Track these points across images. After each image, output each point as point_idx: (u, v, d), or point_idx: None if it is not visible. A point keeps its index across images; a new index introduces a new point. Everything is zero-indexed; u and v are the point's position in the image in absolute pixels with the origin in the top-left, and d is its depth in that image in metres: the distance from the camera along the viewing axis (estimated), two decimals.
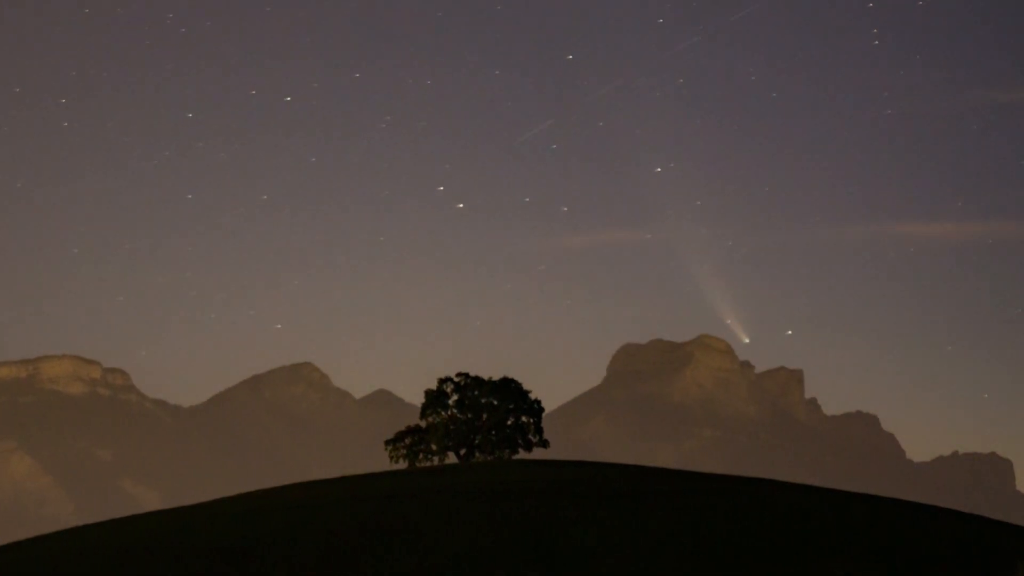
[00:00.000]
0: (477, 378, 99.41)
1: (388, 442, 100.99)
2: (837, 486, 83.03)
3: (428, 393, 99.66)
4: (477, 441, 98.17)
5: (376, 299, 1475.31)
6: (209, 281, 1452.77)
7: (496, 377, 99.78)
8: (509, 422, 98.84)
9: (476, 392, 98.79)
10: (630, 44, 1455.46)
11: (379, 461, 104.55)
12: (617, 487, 63.27)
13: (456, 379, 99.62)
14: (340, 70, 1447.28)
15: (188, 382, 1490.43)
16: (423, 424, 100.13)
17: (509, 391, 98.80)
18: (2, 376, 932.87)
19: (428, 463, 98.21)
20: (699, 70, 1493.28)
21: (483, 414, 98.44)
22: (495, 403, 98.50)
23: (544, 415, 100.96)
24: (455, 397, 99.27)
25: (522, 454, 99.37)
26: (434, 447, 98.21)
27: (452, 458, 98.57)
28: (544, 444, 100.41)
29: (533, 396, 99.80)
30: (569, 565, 44.80)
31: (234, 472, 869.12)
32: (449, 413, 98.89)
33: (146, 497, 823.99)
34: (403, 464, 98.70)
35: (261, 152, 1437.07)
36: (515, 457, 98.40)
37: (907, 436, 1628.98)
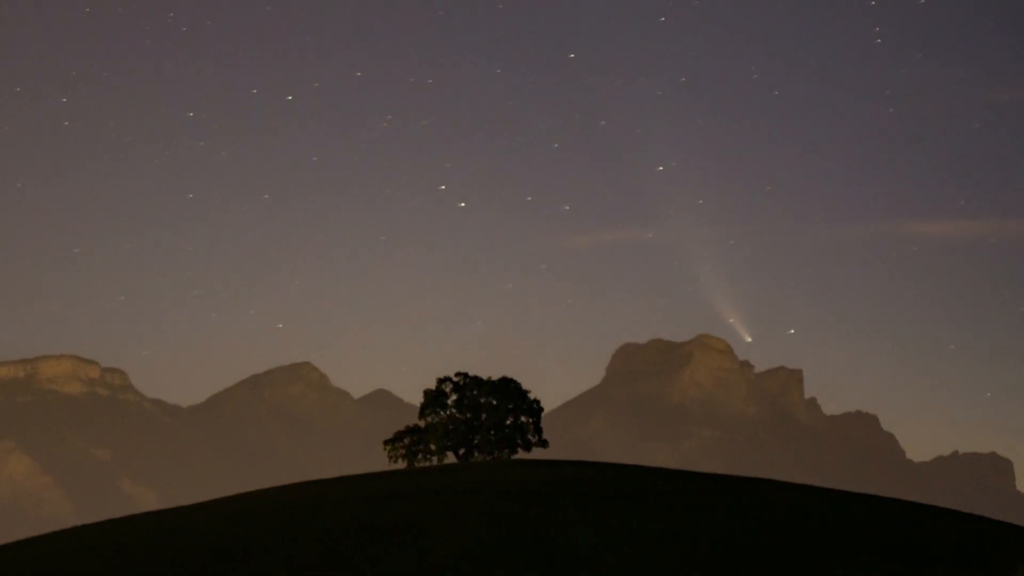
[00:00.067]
0: (476, 378, 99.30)
1: (387, 442, 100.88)
2: (837, 486, 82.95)
3: (427, 393, 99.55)
4: (476, 441, 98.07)
5: (375, 299, 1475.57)
6: (210, 281, 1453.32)
7: (495, 377, 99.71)
8: (508, 422, 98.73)
9: (475, 392, 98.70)
10: (632, 43, 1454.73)
11: (378, 461, 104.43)
12: (616, 487, 63.20)
13: (455, 379, 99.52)
14: (341, 69, 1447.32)
15: (187, 382, 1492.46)
16: (422, 424, 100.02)
17: (508, 391, 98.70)
18: (0, 376, 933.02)
19: (427, 463, 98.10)
20: (701, 68, 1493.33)
21: (482, 414, 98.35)
22: (494, 403, 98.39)
23: (543, 415, 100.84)
24: (454, 397, 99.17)
25: (521, 454, 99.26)
26: (433, 447, 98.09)
27: (451, 458, 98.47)
28: (543, 444, 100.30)
29: (532, 396, 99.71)
30: (569, 565, 44.71)
31: (232, 472, 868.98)
32: (448, 413, 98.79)
33: (144, 497, 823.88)
34: (402, 464, 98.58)
35: (262, 151, 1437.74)
36: (514, 457, 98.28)
37: (907, 436, 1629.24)
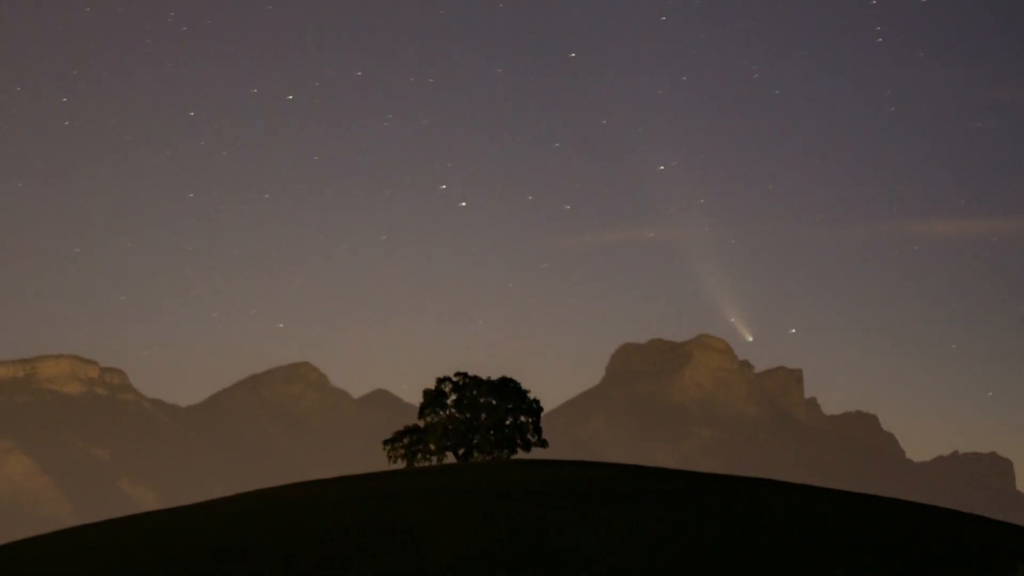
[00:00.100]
0: (476, 378, 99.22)
1: (386, 442, 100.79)
2: (837, 486, 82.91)
3: (426, 393, 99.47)
4: (476, 441, 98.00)
5: (375, 298, 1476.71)
6: (210, 280, 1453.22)
7: (495, 377, 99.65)
8: (508, 422, 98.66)
9: (475, 392, 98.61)
10: (633, 42, 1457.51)
11: (377, 461, 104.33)
12: (616, 487, 63.14)
13: (455, 379, 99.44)
14: (342, 68, 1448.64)
15: (186, 382, 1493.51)
16: (421, 424, 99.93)
17: (508, 391, 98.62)
18: None
19: (426, 463, 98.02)
20: (702, 68, 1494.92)
21: (482, 414, 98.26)
22: (494, 403, 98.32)
23: (543, 415, 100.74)
24: (453, 397, 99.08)
25: (521, 454, 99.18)
26: (432, 447, 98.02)
27: (451, 458, 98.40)
28: (543, 444, 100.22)
29: (532, 396, 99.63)
30: (568, 565, 44.66)
31: (232, 472, 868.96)
32: (447, 413, 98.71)
33: (144, 497, 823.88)
34: (401, 464, 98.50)
35: (263, 151, 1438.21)
36: (514, 457, 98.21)
37: (907, 436, 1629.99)
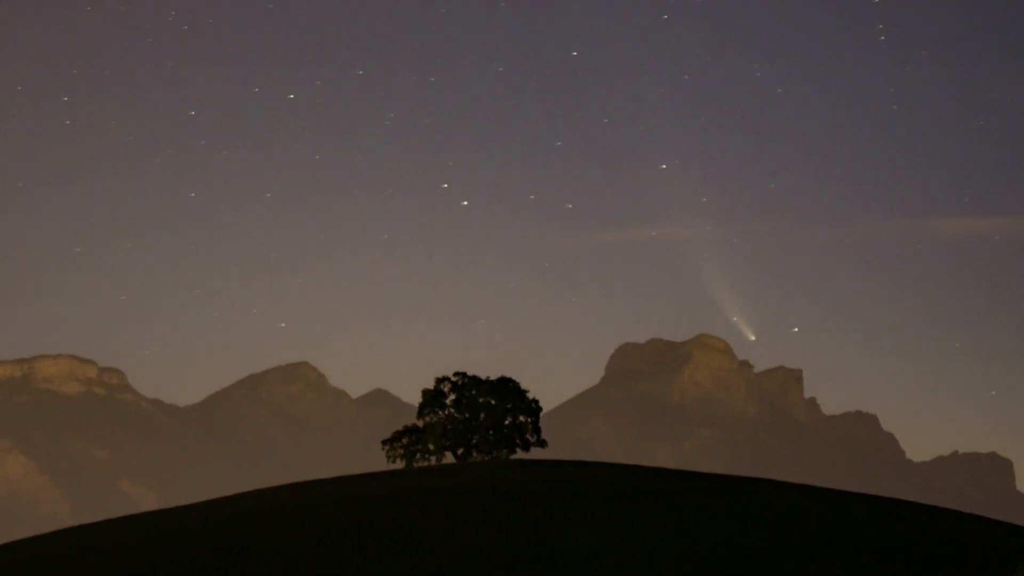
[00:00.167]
0: (475, 377, 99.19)
1: (385, 442, 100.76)
2: (836, 486, 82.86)
3: (425, 392, 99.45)
4: (475, 441, 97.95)
5: (375, 298, 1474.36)
6: (210, 280, 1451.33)
7: (494, 376, 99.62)
8: (507, 422, 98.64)
9: (474, 392, 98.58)
10: (634, 41, 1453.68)
11: (376, 461, 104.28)
12: (616, 487, 63.07)
13: (454, 378, 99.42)
14: (343, 67, 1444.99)
15: (184, 381, 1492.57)
16: (420, 424, 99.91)
17: (507, 391, 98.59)
18: None
19: (425, 463, 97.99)
20: (704, 66, 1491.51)
21: (481, 414, 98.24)
22: (493, 403, 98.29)
23: (542, 415, 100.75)
24: (453, 397, 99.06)
25: (520, 454, 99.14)
26: (431, 447, 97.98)
27: (450, 458, 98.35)
28: (542, 444, 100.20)
29: (531, 395, 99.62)
30: (568, 565, 44.58)
31: (231, 472, 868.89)
32: (446, 413, 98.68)
33: (142, 497, 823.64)
34: (400, 464, 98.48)
35: (264, 150, 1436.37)
36: (513, 457, 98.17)
37: (907, 436, 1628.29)
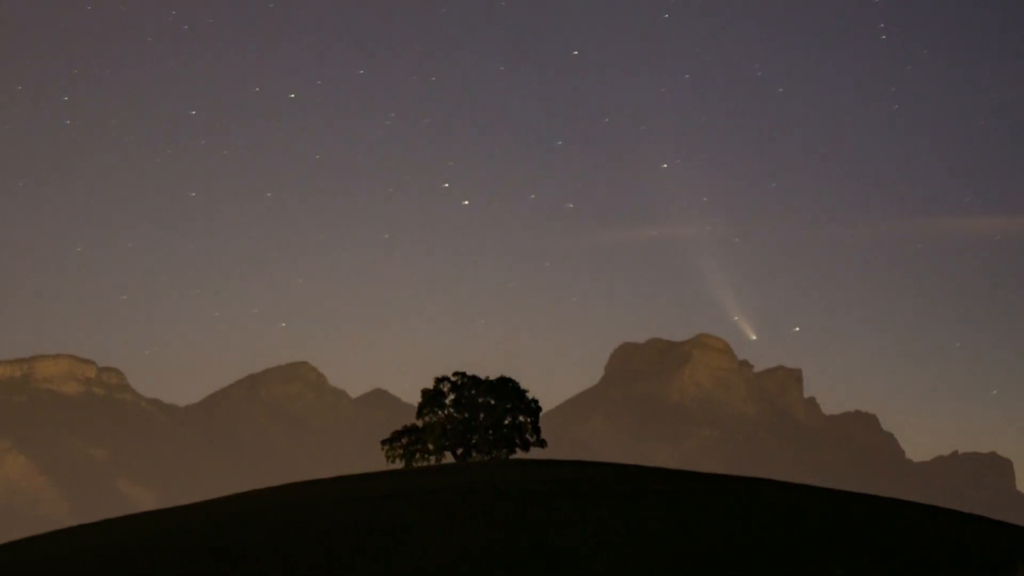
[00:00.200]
0: (474, 377, 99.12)
1: (384, 442, 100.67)
2: (836, 486, 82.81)
3: (425, 392, 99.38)
4: (474, 441, 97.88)
5: (375, 297, 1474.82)
6: (210, 279, 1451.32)
7: (493, 376, 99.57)
8: (506, 422, 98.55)
9: (473, 391, 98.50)
10: (635, 39, 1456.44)
11: (375, 461, 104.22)
12: (615, 487, 63.01)
13: (453, 378, 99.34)
14: (344, 67, 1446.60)
15: (183, 381, 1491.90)
16: (420, 424, 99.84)
17: (506, 390, 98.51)
18: None
19: (425, 463, 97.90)
20: (705, 65, 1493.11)
21: (480, 413, 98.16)
22: (492, 402, 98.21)
23: (542, 414, 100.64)
24: (452, 396, 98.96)
25: (519, 454, 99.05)
26: (431, 447, 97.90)
27: (449, 458, 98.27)
28: (542, 444, 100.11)
29: (530, 395, 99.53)
30: (567, 565, 44.52)
31: (230, 472, 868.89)
32: (446, 412, 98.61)
33: (141, 497, 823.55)
34: (400, 464, 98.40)
35: (264, 149, 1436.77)
36: (512, 457, 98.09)
37: (907, 436, 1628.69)
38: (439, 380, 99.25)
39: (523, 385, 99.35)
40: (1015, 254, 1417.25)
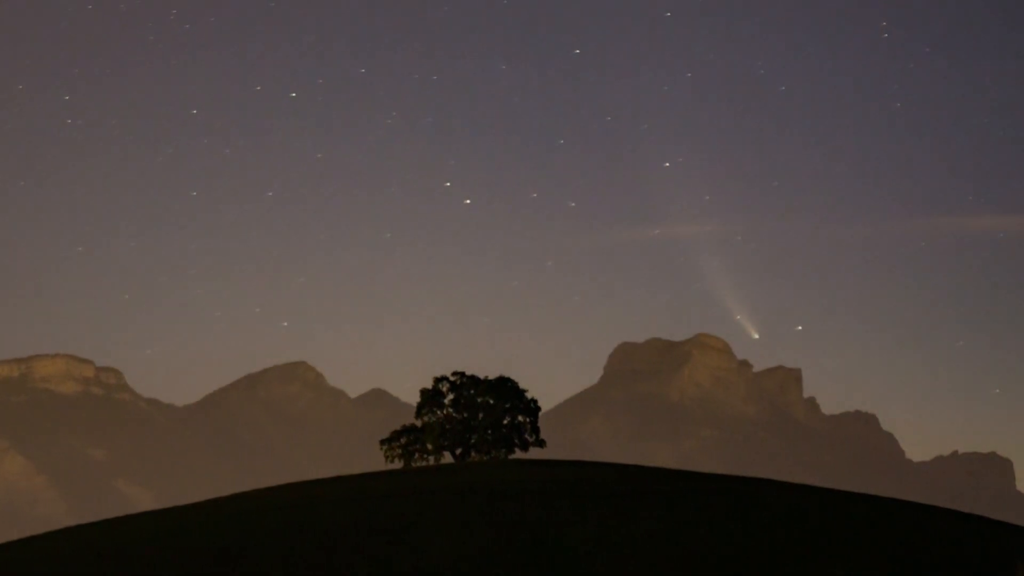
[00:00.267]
0: (473, 377, 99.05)
1: (383, 441, 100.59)
2: (836, 486, 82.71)
3: (424, 392, 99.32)
4: (473, 441, 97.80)
5: (375, 297, 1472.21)
6: (211, 279, 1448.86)
7: (492, 376, 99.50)
8: (505, 421, 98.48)
9: (472, 391, 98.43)
10: (637, 38, 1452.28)
11: (374, 461, 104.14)
12: (615, 487, 62.91)
13: (452, 378, 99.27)
14: (345, 66, 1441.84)
15: (182, 381, 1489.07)
16: (419, 423, 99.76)
17: (505, 390, 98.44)
18: None
19: (424, 463, 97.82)
20: (707, 64, 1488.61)
21: (479, 413, 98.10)
22: (491, 402, 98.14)
23: (541, 414, 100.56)
24: (451, 396, 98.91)
25: (518, 454, 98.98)
26: (430, 447, 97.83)
27: (448, 458, 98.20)
28: (541, 444, 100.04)
29: (529, 395, 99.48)
30: (567, 565, 44.43)
31: (228, 472, 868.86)
32: (445, 412, 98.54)
33: (140, 497, 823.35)
34: (398, 464, 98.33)
35: (266, 149, 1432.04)
36: (511, 457, 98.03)
37: (907, 436, 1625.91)
38: (438, 380, 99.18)
39: (522, 385, 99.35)
40: (1017, 254, 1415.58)
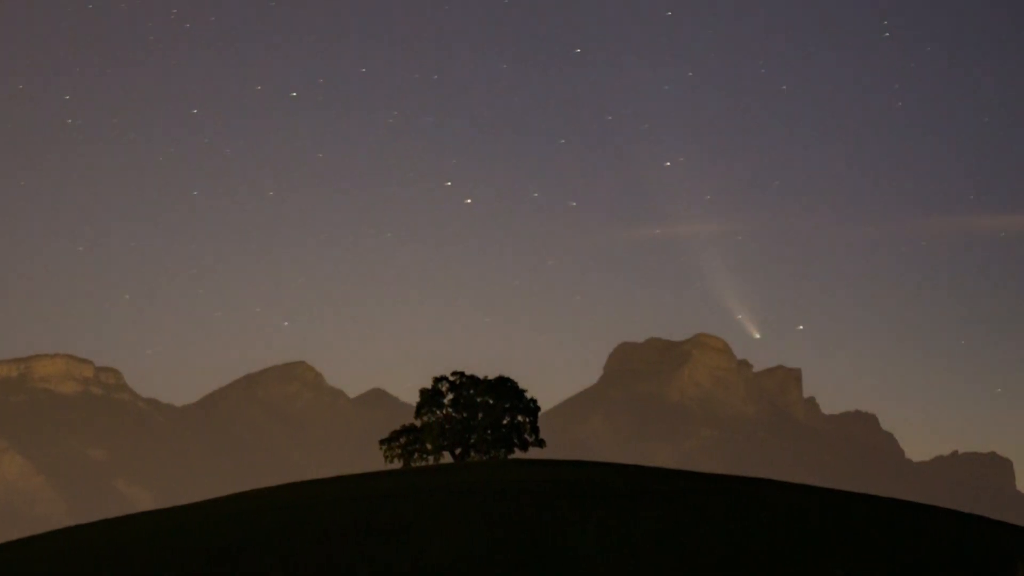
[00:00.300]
0: (472, 377, 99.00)
1: (383, 441, 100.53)
2: (836, 486, 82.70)
3: (423, 392, 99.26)
4: (472, 441, 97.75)
5: (376, 296, 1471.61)
6: (211, 278, 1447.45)
7: (492, 376, 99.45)
8: (505, 421, 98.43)
9: (471, 391, 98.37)
10: (638, 37, 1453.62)
11: (374, 461, 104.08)
12: (615, 487, 62.87)
13: (451, 378, 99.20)
14: (346, 65, 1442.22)
15: (181, 381, 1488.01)
16: (418, 423, 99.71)
17: (505, 390, 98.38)
18: None
19: (423, 463, 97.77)
20: (708, 63, 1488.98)
21: (479, 413, 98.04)
22: (491, 402, 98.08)
23: (540, 414, 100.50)
24: (450, 396, 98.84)
25: (518, 454, 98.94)
26: (429, 447, 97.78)
27: (447, 458, 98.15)
28: (540, 444, 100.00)
29: (529, 395, 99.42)
30: (566, 566, 44.39)
31: (228, 472, 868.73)
32: (444, 412, 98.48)
33: (139, 497, 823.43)
34: (398, 464, 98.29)
35: (267, 148, 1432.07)
36: (511, 457, 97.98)
37: (906, 436, 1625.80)
38: (437, 380, 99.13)
39: (522, 385, 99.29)
40: (1018, 253, 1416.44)
